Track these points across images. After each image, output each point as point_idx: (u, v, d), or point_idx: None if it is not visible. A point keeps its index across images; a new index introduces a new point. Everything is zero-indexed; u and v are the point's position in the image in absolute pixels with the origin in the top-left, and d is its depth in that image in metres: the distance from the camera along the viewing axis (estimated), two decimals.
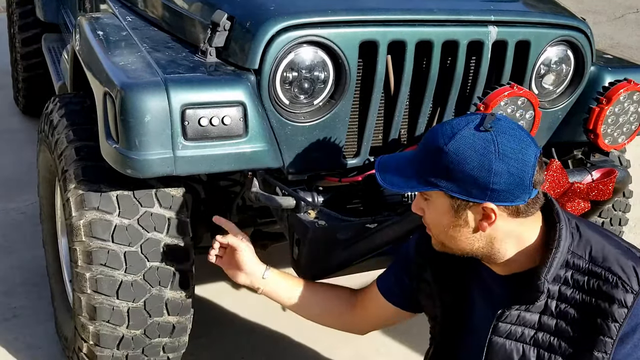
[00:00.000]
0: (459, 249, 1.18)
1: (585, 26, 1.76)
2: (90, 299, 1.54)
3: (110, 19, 1.85)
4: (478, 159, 1.07)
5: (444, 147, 1.09)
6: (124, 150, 1.39)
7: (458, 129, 1.10)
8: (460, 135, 1.09)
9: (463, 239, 1.15)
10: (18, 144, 3.43)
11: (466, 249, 1.17)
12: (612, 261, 1.11)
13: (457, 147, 1.08)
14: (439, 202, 1.14)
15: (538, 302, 1.13)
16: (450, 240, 1.17)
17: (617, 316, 1.07)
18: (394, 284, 1.44)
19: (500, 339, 1.16)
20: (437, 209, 1.15)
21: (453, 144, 1.08)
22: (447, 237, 1.17)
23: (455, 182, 1.09)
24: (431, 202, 1.16)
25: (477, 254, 1.17)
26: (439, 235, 1.19)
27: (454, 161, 1.08)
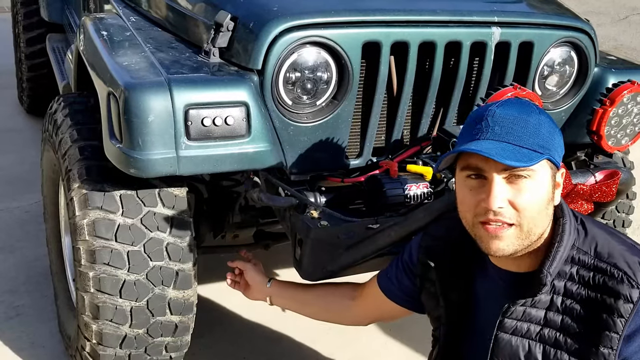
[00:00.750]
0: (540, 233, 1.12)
1: (588, 27, 1.76)
2: (94, 298, 1.55)
3: (114, 20, 1.86)
4: (557, 128, 1.14)
5: (539, 117, 1.11)
6: (128, 150, 1.40)
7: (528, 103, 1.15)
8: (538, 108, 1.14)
9: (549, 215, 1.13)
10: (22, 143, 3.45)
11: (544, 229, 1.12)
12: (618, 257, 1.11)
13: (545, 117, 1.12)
14: (543, 174, 1.09)
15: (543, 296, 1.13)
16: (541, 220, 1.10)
17: (622, 311, 1.07)
18: (394, 283, 1.45)
19: (506, 335, 1.15)
20: (541, 182, 1.09)
21: (542, 114, 1.12)
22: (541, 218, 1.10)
23: (553, 150, 1.11)
24: (530, 179, 1.07)
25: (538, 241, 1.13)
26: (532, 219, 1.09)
27: (550, 129, 1.11)
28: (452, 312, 1.29)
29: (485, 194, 1.09)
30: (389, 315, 1.54)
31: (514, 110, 1.10)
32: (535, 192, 1.09)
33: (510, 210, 1.08)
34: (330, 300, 1.59)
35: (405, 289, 1.42)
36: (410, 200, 1.56)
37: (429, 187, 1.59)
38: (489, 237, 1.10)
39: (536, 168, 1.08)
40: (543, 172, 1.09)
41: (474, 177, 1.11)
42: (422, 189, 1.58)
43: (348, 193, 1.66)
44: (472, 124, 1.13)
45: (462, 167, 1.13)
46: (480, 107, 1.19)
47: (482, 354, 1.19)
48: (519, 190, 1.08)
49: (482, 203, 1.09)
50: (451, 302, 1.29)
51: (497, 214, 1.08)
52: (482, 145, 1.07)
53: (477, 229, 1.13)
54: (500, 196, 1.07)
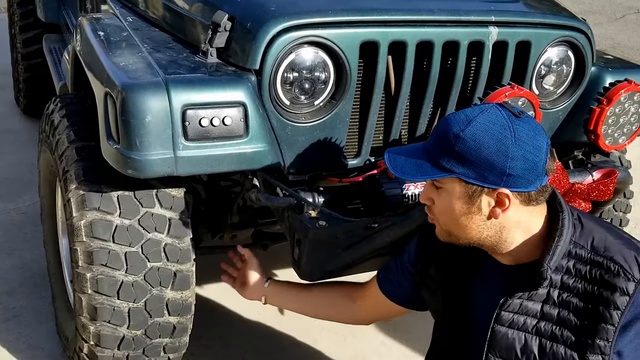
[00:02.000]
0: (466, 238, 1.17)
1: (585, 27, 1.76)
2: (91, 299, 1.54)
3: (111, 20, 1.85)
4: (495, 144, 1.08)
5: (460, 133, 1.10)
6: (125, 151, 1.40)
7: (473, 116, 1.11)
8: (476, 122, 1.10)
9: (474, 227, 1.15)
10: (19, 144, 3.44)
11: (474, 237, 1.16)
12: (614, 251, 1.12)
13: (473, 133, 1.09)
14: (453, 189, 1.13)
15: (540, 290, 1.14)
16: (459, 229, 1.17)
17: (619, 304, 1.08)
18: (394, 283, 1.45)
19: (503, 328, 1.16)
20: (450, 196, 1.14)
21: (469, 130, 1.09)
22: (457, 226, 1.16)
23: (471, 168, 1.09)
24: (443, 190, 1.15)
25: (484, 243, 1.17)
26: (448, 224, 1.18)
27: (471, 146, 1.09)
28: (449, 306, 1.30)
29: None
30: (389, 314, 1.55)
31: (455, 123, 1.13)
32: (445, 202, 1.16)
33: (433, 208, 1.21)
34: (331, 300, 1.59)
35: (404, 289, 1.43)
36: (408, 200, 1.57)
37: None
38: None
39: (443, 181, 1.15)
40: (451, 188, 1.14)
41: None
42: (419, 189, 1.58)
43: (346, 193, 1.66)
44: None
45: None
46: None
47: (479, 347, 1.19)
48: (437, 195, 1.18)
49: None
50: (449, 295, 1.30)
51: (427, 209, 1.23)
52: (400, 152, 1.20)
53: None
54: (424, 195, 1.21)
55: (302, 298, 1.64)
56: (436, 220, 1.21)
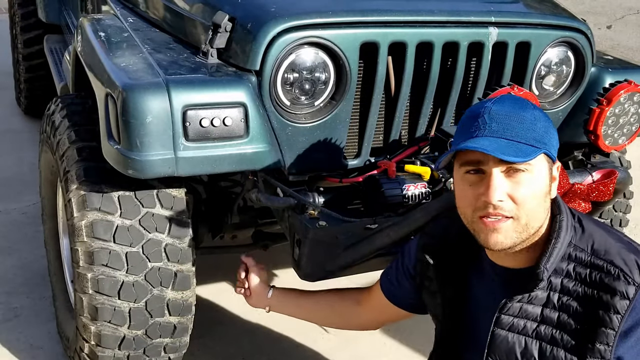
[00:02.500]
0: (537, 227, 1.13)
1: (585, 27, 1.76)
2: (92, 299, 1.55)
3: (112, 20, 1.86)
4: (551, 123, 1.15)
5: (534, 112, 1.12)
6: (126, 151, 1.40)
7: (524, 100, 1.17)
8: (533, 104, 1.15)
9: (547, 209, 1.15)
10: (20, 144, 3.44)
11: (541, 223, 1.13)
12: (614, 254, 1.11)
13: (539, 112, 1.14)
14: (541, 167, 1.11)
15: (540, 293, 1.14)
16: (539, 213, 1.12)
17: (619, 308, 1.08)
18: (395, 286, 1.45)
19: (503, 331, 1.16)
20: (538, 176, 1.10)
21: (536, 110, 1.13)
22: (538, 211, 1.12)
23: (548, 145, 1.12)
24: (528, 173, 1.09)
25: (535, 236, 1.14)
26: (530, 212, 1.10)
27: (544, 124, 1.12)
28: (448, 309, 1.30)
29: (485, 188, 1.10)
30: (394, 318, 1.54)
31: (509, 106, 1.12)
32: (533, 185, 1.10)
33: (509, 203, 1.10)
34: (337, 307, 1.57)
35: (406, 292, 1.42)
36: (408, 201, 1.57)
37: (427, 187, 1.59)
38: (488, 230, 1.11)
39: (534, 162, 1.09)
40: (540, 166, 1.11)
41: (473, 172, 1.13)
42: (420, 189, 1.58)
43: (346, 193, 1.66)
44: (469, 121, 1.14)
45: (461, 163, 1.14)
46: (475, 105, 1.20)
47: (479, 350, 1.19)
48: (518, 183, 1.09)
49: (481, 197, 1.10)
50: (448, 298, 1.29)
51: (497, 208, 1.09)
52: (481, 142, 1.09)
53: (476, 224, 1.13)
54: (500, 189, 1.09)
55: (306, 306, 1.63)
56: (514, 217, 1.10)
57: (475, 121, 1.12)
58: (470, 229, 1.16)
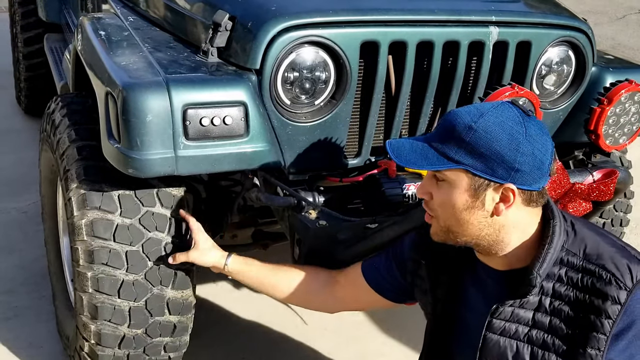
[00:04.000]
0: (464, 235, 1.15)
1: (586, 27, 1.76)
2: (92, 298, 1.55)
3: (112, 19, 1.86)
4: (507, 138, 1.08)
5: (472, 124, 1.09)
6: (126, 150, 1.40)
7: (485, 110, 1.11)
8: (489, 115, 1.10)
9: (475, 223, 1.13)
10: (20, 143, 3.44)
11: (473, 235, 1.14)
12: (606, 259, 1.11)
13: (486, 125, 1.08)
14: (458, 182, 1.11)
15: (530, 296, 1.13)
16: (459, 225, 1.14)
17: (610, 313, 1.07)
18: (383, 276, 1.43)
19: (495, 335, 1.16)
20: (454, 189, 1.11)
21: (482, 122, 1.09)
22: (457, 221, 1.14)
23: (480, 160, 1.08)
24: (446, 182, 1.13)
25: (480, 242, 1.15)
26: (447, 219, 1.15)
27: (482, 138, 1.08)
28: (439, 308, 1.29)
29: None
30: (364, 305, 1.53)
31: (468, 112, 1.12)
32: (447, 196, 1.14)
33: (431, 202, 1.18)
34: (301, 285, 1.51)
35: (392, 281, 1.41)
36: (408, 200, 1.57)
37: None
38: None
39: (448, 174, 1.12)
40: (457, 181, 1.12)
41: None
42: None
43: (346, 193, 1.66)
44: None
45: None
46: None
47: (471, 353, 1.19)
48: (438, 188, 1.16)
49: None
50: (438, 298, 1.29)
51: (426, 203, 1.20)
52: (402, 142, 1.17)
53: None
54: (423, 188, 1.19)
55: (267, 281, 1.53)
56: (434, 216, 1.18)
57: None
58: None
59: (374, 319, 2.29)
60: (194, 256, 1.52)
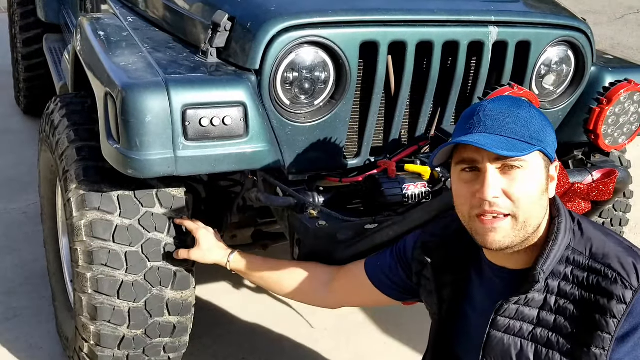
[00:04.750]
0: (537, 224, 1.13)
1: (585, 27, 1.76)
2: (91, 299, 1.54)
3: (112, 20, 1.85)
4: (548, 122, 1.15)
5: (530, 111, 1.13)
6: (125, 151, 1.40)
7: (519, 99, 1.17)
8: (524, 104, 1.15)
9: (544, 207, 1.14)
10: (19, 144, 3.44)
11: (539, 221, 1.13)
12: (612, 258, 1.11)
13: (535, 111, 1.14)
14: (536, 165, 1.11)
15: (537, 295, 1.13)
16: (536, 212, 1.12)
17: (615, 312, 1.07)
18: (387, 275, 1.43)
19: (499, 333, 1.16)
20: (534, 173, 1.10)
21: (532, 108, 1.14)
22: (537, 208, 1.12)
23: (544, 142, 1.12)
24: (523, 169, 1.10)
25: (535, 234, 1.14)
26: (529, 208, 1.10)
27: (540, 122, 1.13)
28: (444, 308, 1.29)
29: (480, 185, 1.10)
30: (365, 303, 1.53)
31: (505, 104, 1.14)
32: (529, 182, 1.10)
33: (505, 200, 1.10)
34: (302, 282, 1.51)
35: (396, 280, 1.41)
36: (408, 200, 1.57)
37: (426, 187, 1.59)
38: (485, 229, 1.11)
39: (528, 159, 1.10)
40: (536, 163, 1.11)
41: (469, 170, 1.13)
42: (420, 189, 1.58)
43: (346, 193, 1.66)
44: (465, 119, 1.16)
45: (457, 161, 1.15)
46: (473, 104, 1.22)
47: (475, 351, 1.19)
48: (513, 180, 1.09)
49: (477, 194, 1.11)
50: (444, 298, 1.29)
51: (493, 205, 1.09)
52: (475, 137, 1.10)
53: (473, 222, 1.13)
54: (494, 186, 1.09)
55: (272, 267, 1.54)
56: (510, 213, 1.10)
57: (470, 119, 1.14)
58: (468, 229, 1.16)
59: (374, 319, 2.29)
60: (196, 255, 1.54)
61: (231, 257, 1.55)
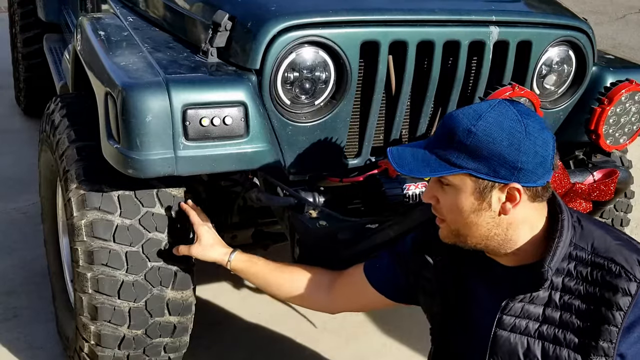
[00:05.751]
0: (474, 237, 1.15)
1: (586, 26, 1.76)
2: (92, 298, 1.54)
3: (112, 19, 1.85)
4: (507, 138, 1.08)
5: (471, 128, 1.09)
6: (125, 150, 1.40)
7: (483, 111, 1.11)
8: (487, 116, 1.10)
9: (483, 224, 1.14)
10: (19, 144, 3.44)
11: (483, 235, 1.15)
12: (615, 252, 1.12)
13: (485, 127, 1.09)
14: (463, 185, 1.11)
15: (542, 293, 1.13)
16: (468, 227, 1.15)
17: (621, 304, 1.08)
18: (386, 277, 1.43)
19: (505, 332, 1.16)
20: (459, 192, 1.12)
21: (481, 124, 1.09)
22: (466, 224, 1.14)
23: (483, 163, 1.09)
24: (451, 187, 1.13)
25: (490, 242, 1.15)
26: (456, 222, 1.16)
27: (482, 141, 1.08)
28: (447, 309, 1.29)
29: None
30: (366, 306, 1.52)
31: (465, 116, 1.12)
32: (453, 200, 1.14)
33: (439, 206, 1.19)
34: (302, 285, 1.50)
35: (395, 281, 1.41)
36: (408, 200, 1.57)
37: None
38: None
39: (452, 179, 1.13)
40: (462, 185, 1.12)
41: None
42: (420, 189, 1.58)
43: (347, 193, 1.66)
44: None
45: None
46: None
47: (481, 351, 1.19)
48: (444, 192, 1.16)
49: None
50: (447, 298, 1.29)
51: (434, 208, 1.20)
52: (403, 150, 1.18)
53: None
54: (428, 193, 1.20)
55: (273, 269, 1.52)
56: (443, 220, 1.19)
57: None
58: None
59: (374, 319, 2.28)
60: (196, 251, 1.52)
61: (232, 257, 1.53)
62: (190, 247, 1.52)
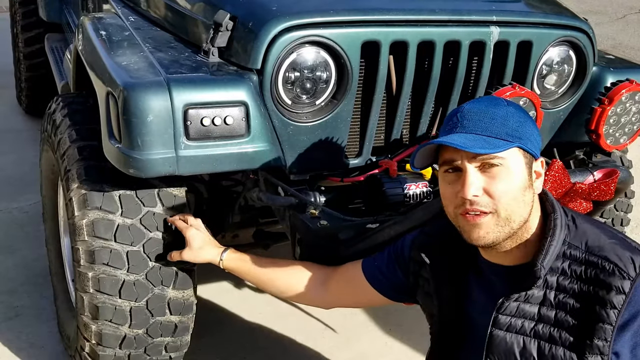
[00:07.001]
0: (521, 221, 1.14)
1: (587, 26, 1.76)
2: (93, 298, 1.55)
3: (113, 19, 1.86)
4: (529, 119, 1.18)
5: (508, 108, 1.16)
6: (127, 150, 1.40)
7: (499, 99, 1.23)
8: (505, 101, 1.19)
9: (528, 203, 1.15)
10: (21, 143, 3.44)
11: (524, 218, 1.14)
12: (609, 250, 1.12)
13: (514, 109, 1.17)
14: (516, 162, 1.13)
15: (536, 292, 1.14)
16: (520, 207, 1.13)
17: (615, 302, 1.08)
18: (384, 275, 1.43)
19: (501, 331, 1.16)
20: (514, 170, 1.12)
21: (511, 106, 1.16)
22: (519, 203, 1.13)
23: (524, 140, 1.14)
24: (503, 167, 1.12)
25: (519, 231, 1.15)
26: (510, 205, 1.12)
27: (518, 120, 1.15)
28: (445, 309, 1.30)
29: (461, 185, 1.13)
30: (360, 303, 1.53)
31: (482, 104, 1.17)
32: (509, 179, 1.12)
33: (485, 198, 1.13)
34: (297, 281, 1.51)
35: (394, 280, 1.41)
36: (409, 200, 1.57)
37: (428, 186, 1.59)
38: (469, 225, 1.14)
39: (506, 155, 1.12)
40: (515, 160, 1.13)
41: (451, 170, 1.17)
42: (421, 188, 1.58)
43: (347, 192, 1.66)
44: (446, 122, 1.20)
45: (440, 163, 1.19)
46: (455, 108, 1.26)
47: (477, 351, 1.19)
48: (493, 178, 1.12)
49: (459, 194, 1.14)
50: (444, 299, 1.29)
51: (474, 203, 1.13)
52: (452, 138, 1.13)
53: (458, 220, 1.17)
54: (474, 185, 1.12)
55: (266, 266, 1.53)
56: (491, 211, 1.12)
57: (450, 121, 1.18)
58: (456, 227, 1.19)
59: (374, 319, 2.29)
60: (188, 255, 1.53)
61: (224, 255, 1.54)
62: (181, 252, 1.53)
